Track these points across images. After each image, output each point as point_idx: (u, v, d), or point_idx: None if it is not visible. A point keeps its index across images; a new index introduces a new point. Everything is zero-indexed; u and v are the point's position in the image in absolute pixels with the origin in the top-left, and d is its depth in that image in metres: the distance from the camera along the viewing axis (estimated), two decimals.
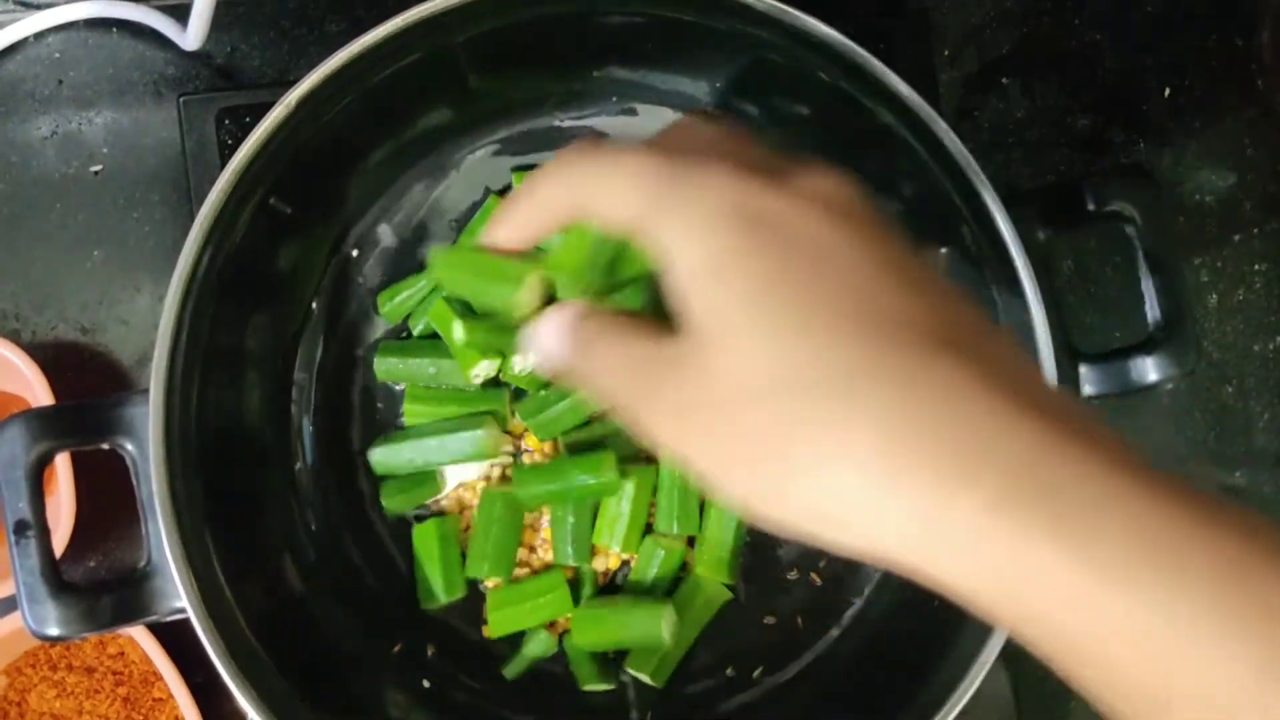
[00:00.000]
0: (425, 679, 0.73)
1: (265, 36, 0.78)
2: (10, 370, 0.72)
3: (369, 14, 0.78)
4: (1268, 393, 0.81)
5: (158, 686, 0.75)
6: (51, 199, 0.77)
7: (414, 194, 0.75)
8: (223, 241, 0.62)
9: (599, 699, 0.73)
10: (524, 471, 0.71)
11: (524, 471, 0.71)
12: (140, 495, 0.60)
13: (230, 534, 0.63)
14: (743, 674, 0.74)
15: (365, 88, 0.64)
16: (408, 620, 0.73)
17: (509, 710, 0.73)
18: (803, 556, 0.75)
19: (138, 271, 0.78)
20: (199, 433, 0.62)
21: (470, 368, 0.71)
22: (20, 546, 0.59)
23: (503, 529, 0.72)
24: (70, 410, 0.61)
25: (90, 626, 0.59)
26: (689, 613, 0.72)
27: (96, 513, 0.75)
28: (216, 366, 0.65)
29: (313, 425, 0.74)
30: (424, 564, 0.72)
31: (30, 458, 0.59)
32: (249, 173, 0.61)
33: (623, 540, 0.72)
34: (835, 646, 0.73)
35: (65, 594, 0.59)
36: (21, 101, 0.78)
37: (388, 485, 0.73)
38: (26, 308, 0.77)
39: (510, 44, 0.67)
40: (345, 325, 0.75)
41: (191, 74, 0.78)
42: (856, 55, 0.60)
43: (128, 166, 0.78)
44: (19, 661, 0.76)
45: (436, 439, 0.72)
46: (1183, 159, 0.82)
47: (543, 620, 0.72)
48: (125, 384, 0.78)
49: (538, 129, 0.75)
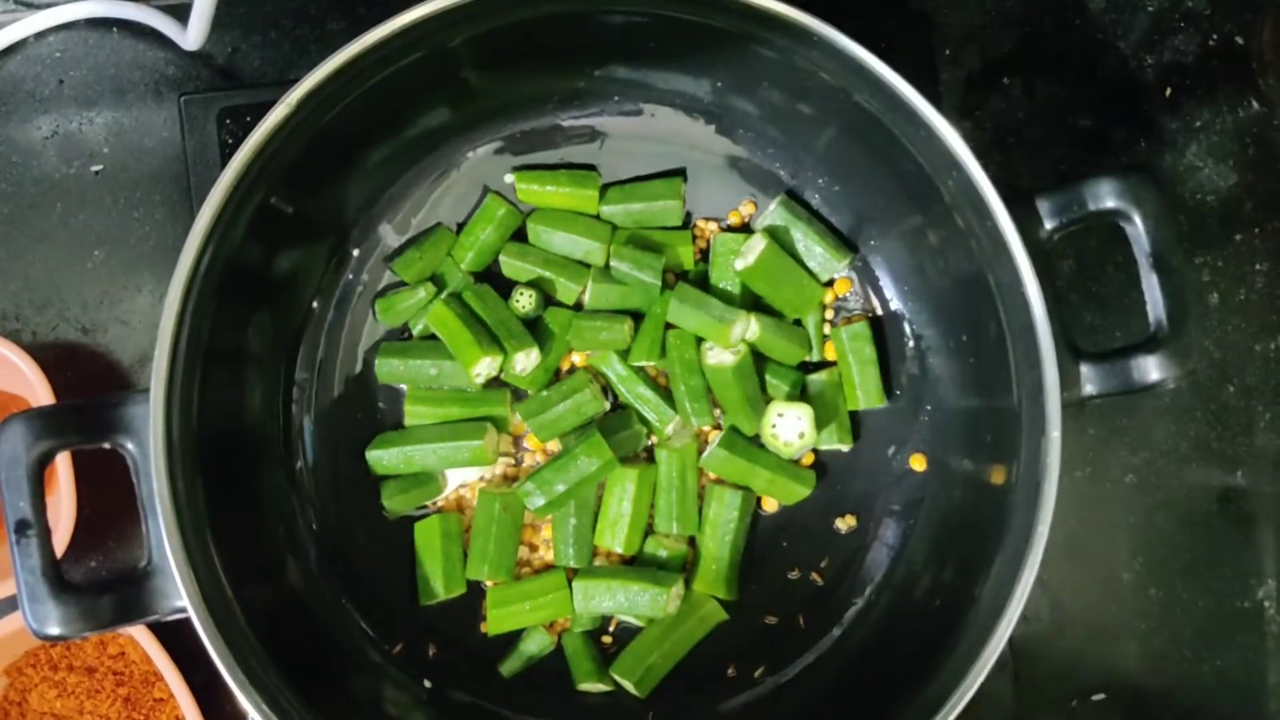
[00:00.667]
0: (425, 679, 0.72)
1: (266, 36, 0.78)
2: (11, 370, 0.72)
3: (370, 12, 0.78)
4: (1269, 392, 0.81)
5: (158, 686, 0.75)
6: (52, 199, 0.77)
7: (415, 194, 0.75)
8: (223, 241, 0.62)
9: (598, 700, 0.73)
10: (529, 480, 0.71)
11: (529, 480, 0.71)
12: (141, 494, 0.60)
13: (231, 533, 0.63)
14: (744, 673, 0.73)
15: (366, 87, 0.64)
16: (409, 621, 0.73)
17: (509, 710, 0.73)
18: (804, 556, 0.75)
19: (138, 271, 0.78)
20: (200, 432, 0.62)
21: (472, 367, 0.71)
22: (21, 546, 0.59)
23: (502, 530, 0.72)
24: (71, 410, 0.61)
25: (91, 626, 0.59)
26: (683, 629, 0.72)
27: (97, 512, 0.75)
28: (217, 366, 0.65)
29: (313, 424, 0.74)
30: (424, 560, 0.72)
31: (31, 457, 0.59)
32: (250, 172, 0.61)
33: (624, 541, 0.72)
34: (837, 646, 0.73)
35: (66, 593, 0.59)
36: (22, 101, 0.78)
37: (388, 485, 0.73)
38: (27, 308, 0.77)
39: (511, 43, 0.67)
40: (346, 325, 0.75)
41: (192, 74, 0.78)
42: (857, 55, 0.60)
43: (128, 166, 0.78)
44: (20, 661, 0.76)
45: (434, 445, 0.72)
46: (1183, 158, 0.82)
47: (542, 620, 0.72)
48: (125, 383, 0.78)
49: (539, 128, 0.75)
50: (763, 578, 0.75)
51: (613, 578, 0.71)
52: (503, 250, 0.75)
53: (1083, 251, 0.80)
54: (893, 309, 0.75)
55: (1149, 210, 0.62)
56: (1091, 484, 0.80)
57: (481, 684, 0.73)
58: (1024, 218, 0.61)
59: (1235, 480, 0.81)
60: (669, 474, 0.73)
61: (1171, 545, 0.80)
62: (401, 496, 0.73)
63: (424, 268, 0.74)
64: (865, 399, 0.74)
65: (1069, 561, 0.79)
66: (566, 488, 0.70)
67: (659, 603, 0.70)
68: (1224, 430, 0.81)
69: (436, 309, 0.72)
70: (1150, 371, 0.63)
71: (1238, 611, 0.81)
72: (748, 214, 0.76)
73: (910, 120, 0.61)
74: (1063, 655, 0.78)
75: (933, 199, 0.65)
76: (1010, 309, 0.62)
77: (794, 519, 0.75)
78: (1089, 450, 0.80)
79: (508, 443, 0.75)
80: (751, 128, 0.75)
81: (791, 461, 0.73)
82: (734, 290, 0.74)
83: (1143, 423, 0.81)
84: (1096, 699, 0.79)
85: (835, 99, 0.65)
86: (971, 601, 0.62)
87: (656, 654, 0.71)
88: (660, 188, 0.75)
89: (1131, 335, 0.80)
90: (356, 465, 0.73)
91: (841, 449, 0.75)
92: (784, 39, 0.62)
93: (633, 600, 0.71)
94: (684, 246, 0.75)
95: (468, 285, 0.74)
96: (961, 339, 0.70)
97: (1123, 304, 0.80)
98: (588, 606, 0.71)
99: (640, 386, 0.74)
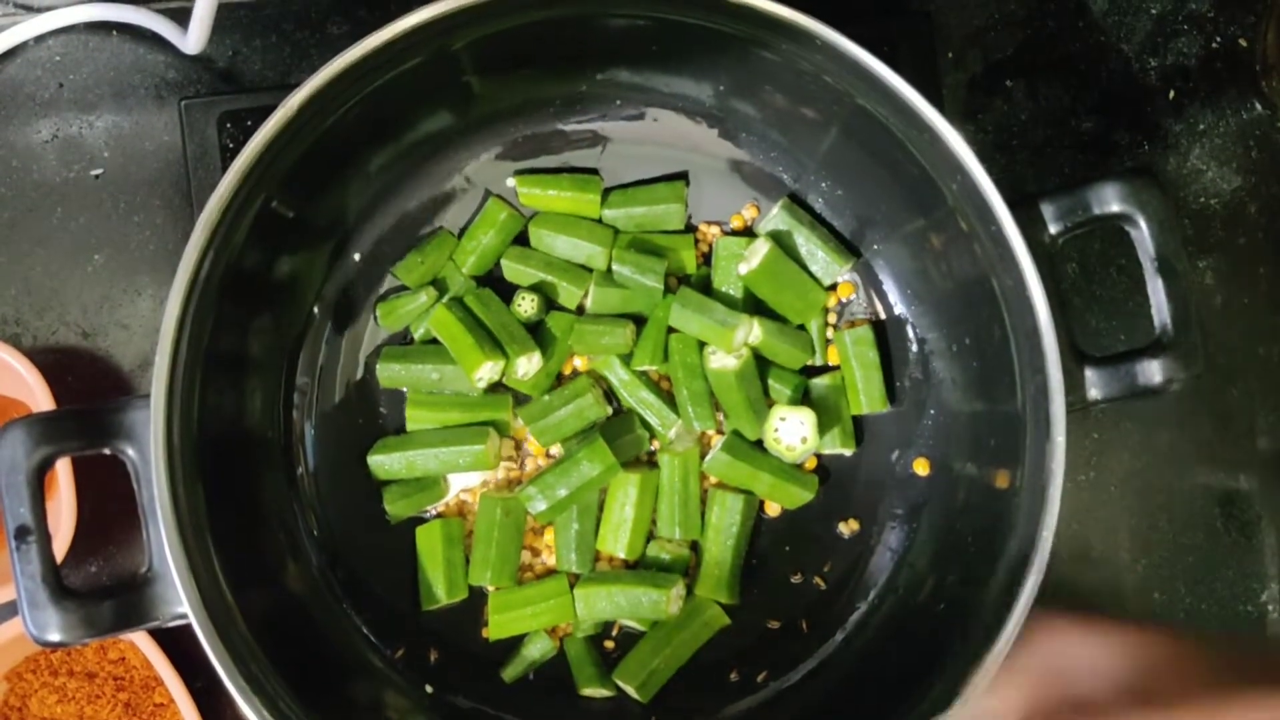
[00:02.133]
0: (427, 684, 0.72)
1: (267, 39, 0.78)
2: (10, 375, 0.72)
3: (371, 15, 0.78)
4: (1273, 396, 0.81)
5: (159, 692, 0.75)
6: (52, 203, 0.77)
7: (417, 199, 0.75)
8: (224, 246, 0.61)
9: (601, 705, 0.73)
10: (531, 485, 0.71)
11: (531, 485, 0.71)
12: (141, 500, 0.60)
13: (232, 539, 0.63)
14: (747, 678, 0.73)
15: (367, 91, 0.64)
16: (410, 626, 0.73)
17: (513, 715, 0.72)
18: (807, 560, 0.75)
19: (139, 275, 0.77)
20: (200, 437, 0.62)
21: (474, 371, 0.71)
22: (21, 552, 0.58)
23: (505, 535, 0.72)
24: (71, 415, 0.61)
25: (92, 632, 0.59)
26: (685, 633, 0.72)
27: (96, 518, 0.75)
28: (218, 371, 0.64)
29: (314, 429, 0.74)
30: (426, 564, 0.72)
31: (31, 463, 0.59)
32: (251, 177, 0.61)
33: (627, 546, 0.72)
34: (840, 650, 0.73)
35: (66, 599, 0.59)
36: (22, 105, 0.77)
37: (390, 490, 0.73)
38: (27, 312, 0.77)
39: (513, 47, 0.67)
40: (347, 330, 0.74)
41: (192, 77, 0.78)
42: (860, 59, 0.60)
43: (129, 170, 0.77)
44: (20, 667, 0.76)
45: (436, 449, 0.72)
46: (1187, 161, 0.81)
47: (544, 625, 0.72)
48: (126, 388, 0.78)
49: (541, 133, 0.75)
50: (765, 582, 0.74)
51: (614, 582, 0.71)
52: (504, 254, 0.74)
53: (1087, 255, 0.80)
54: (896, 313, 0.75)
55: (1154, 214, 0.62)
56: (1095, 488, 0.80)
57: (484, 689, 0.73)
58: (1028, 221, 0.61)
59: (1238, 484, 0.81)
60: (671, 479, 0.72)
61: (1175, 549, 0.80)
62: (403, 501, 0.73)
63: (425, 272, 0.74)
64: (868, 403, 0.74)
65: (1072, 565, 0.79)
66: (568, 492, 0.70)
67: (660, 604, 0.70)
68: (1227, 434, 0.81)
69: (438, 313, 0.72)
70: (1154, 375, 0.63)
71: (1241, 615, 0.80)
72: (750, 218, 0.76)
73: (913, 123, 0.61)
74: None
75: (936, 203, 0.64)
76: (1014, 313, 0.61)
77: (797, 523, 0.75)
78: (1092, 454, 0.80)
79: (510, 447, 0.75)
80: (754, 131, 0.74)
81: (794, 466, 0.73)
82: (736, 294, 0.74)
83: (1146, 426, 0.80)
84: None
85: (838, 102, 0.65)
86: (975, 606, 0.62)
87: (659, 659, 0.71)
88: (663, 191, 0.75)
89: (1135, 339, 0.80)
90: (358, 470, 0.73)
91: (844, 453, 0.74)
92: (787, 42, 0.62)
93: (634, 603, 0.71)
94: (686, 250, 0.74)
95: (469, 289, 0.74)
96: (965, 343, 0.70)
97: (1127, 307, 0.80)
98: (590, 612, 0.71)
99: (642, 391, 0.74)
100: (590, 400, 0.72)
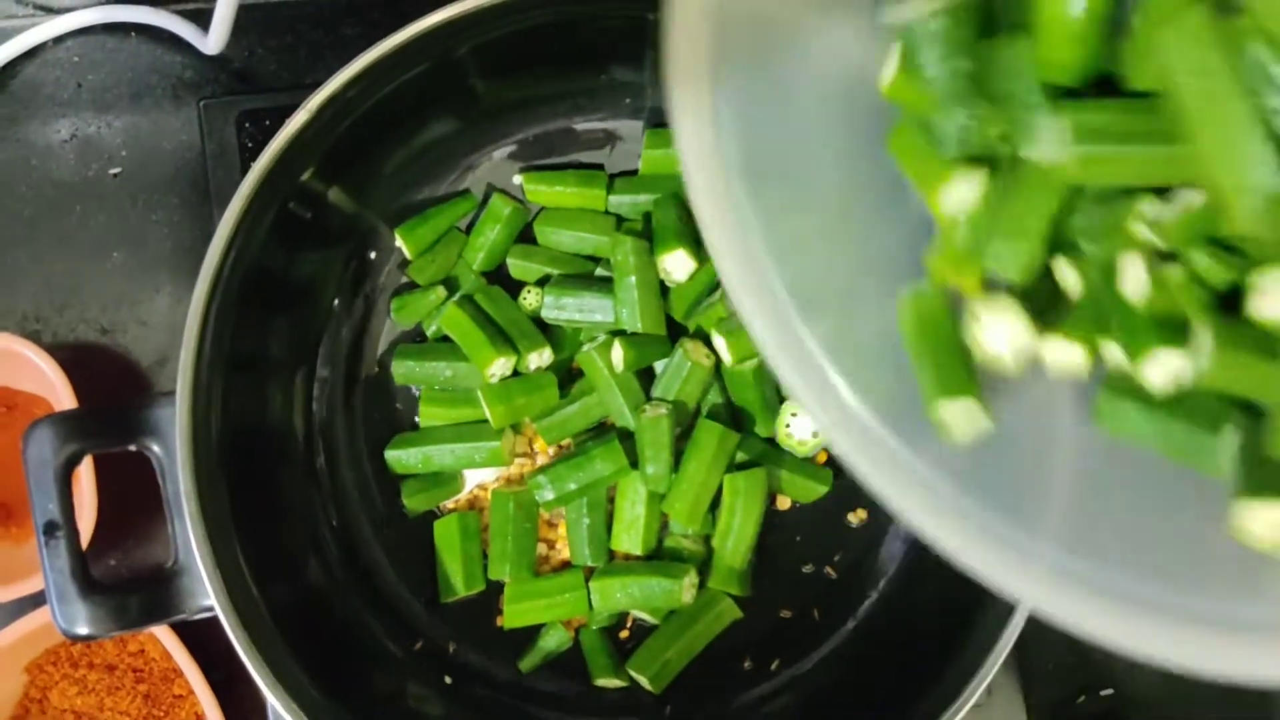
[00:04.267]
0: (446, 674, 0.73)
1: (282, 40, 0.79)
2: (32, 371, 0.72)
3: (385, 17, 0.79)
4: None
5: (178, 683, 0.76)
6: (71, 201, 0.78)
7: (430, 198, 0.76)
8: (246, 245, 0.62)
9: (616, 695, 0.74)
10: (542, 474, 0.72)
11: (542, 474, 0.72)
12: (167, 496, 0.61)
13: (255, 532, 0.64)
14: (760, 666, 0.74)
15: (382, 93, 0.65)
16: (429, 617, 0.74)
17: (530, 705, 0.73)
18: (818, 551, 0.76)
19: (157, 273, 0.78)
20: (223, 433, 0.63)
21: (487, 368, 0.71)
22: (50, 547, 0.59)
23: (519, 529, 0.73)
24: (98, 413, 0.62)
25: (119, 626, 0.60)
26: (698, 625, 0.73)
27: (116, 512, 0.75)
28: (240, 368, 0.65)
29: (333, 424, 0.75)
30: (444, 557, 0.73)
31: (59, 460, 0.60)
32: (271, 178, 0.62)
33: (640, 543, 0.72)
34: (852, 639, 0.74)
35: (95, 593, 0.60)
36: (41, 105, 0.78)
37: (408, 484, 0.74)
38: (47, 309, 0.78)
39: (525, 47, 0.68)
40: (364, 327, 0.75)
41: (209, 77, 0.79)
42: None
43: (147, 169, 0.78)
44: (40, 659, 0.77)
45: (452, 445, 0.73)
46: None
47: (559, 617, 0.73)
48: (144, 384, 0.78)
49: (551, 132, 0.76)
50: (777, 572, 0.75)
51: (627, 574, 0.72)
52: (510, 253, 0.75)
53: None
54: None
55: None
56: None
57: (501, 679, 0.74)
58: None
59: None
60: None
61: None
62: (422, 495, 0.74)
63: (437, 270, 0.75)
64: None
65: None
66: (578, 486, 0.71)
67: (673, 593, 0.71)
68: None
69: (450, 312, 0.73)
70: None
71: None
72: None
73: None
74: (1072, 649, 0.79)
75: None
76: None
77: (807, 514, 0.76)
78: None
79: (524, 443, 0.76)
80: None
81: (806, 459, 0.74)
82: None
83: None
84: (1105, 694, 0.79)
85: None
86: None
87: (672, 650, 0.72)
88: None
89: None
90: (376, 465, 0.74)
91: None
92: None
93: (648, 593, 0.71)
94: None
95: (479, 287, 0.75)
96: None
97: None
98: (605, 604, 0.72)
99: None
100: (597, 398, 0.73)
